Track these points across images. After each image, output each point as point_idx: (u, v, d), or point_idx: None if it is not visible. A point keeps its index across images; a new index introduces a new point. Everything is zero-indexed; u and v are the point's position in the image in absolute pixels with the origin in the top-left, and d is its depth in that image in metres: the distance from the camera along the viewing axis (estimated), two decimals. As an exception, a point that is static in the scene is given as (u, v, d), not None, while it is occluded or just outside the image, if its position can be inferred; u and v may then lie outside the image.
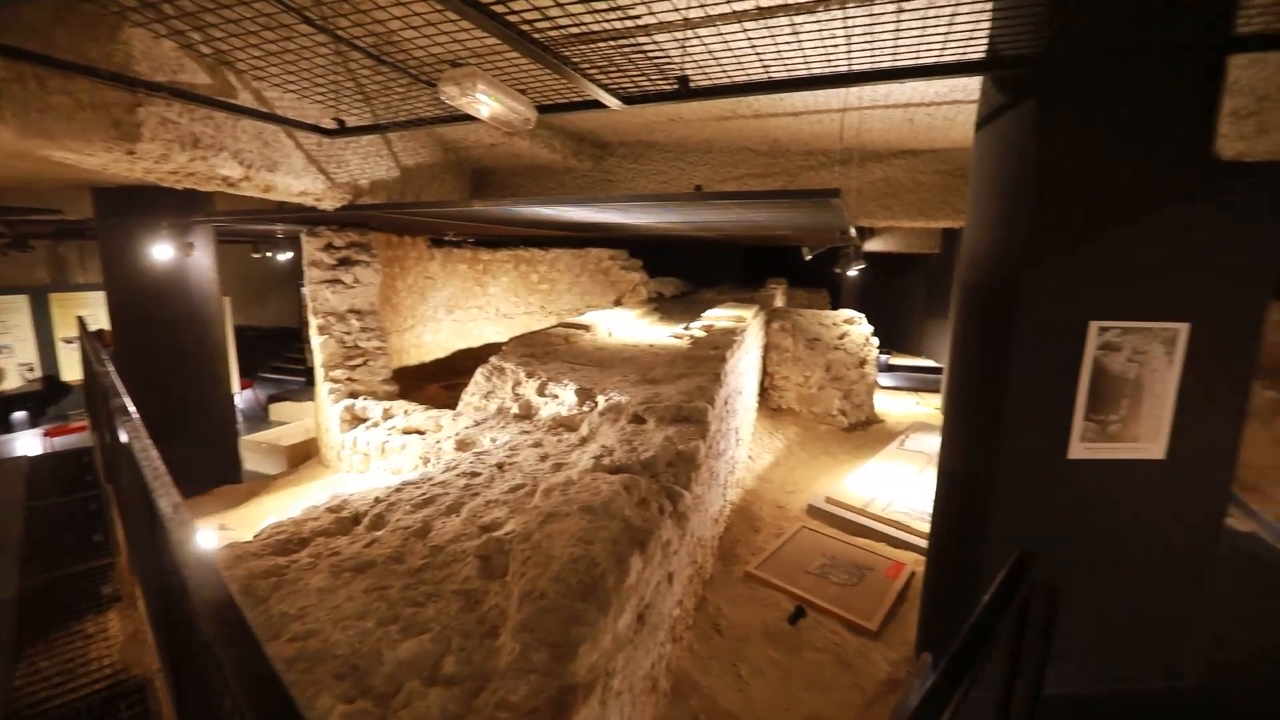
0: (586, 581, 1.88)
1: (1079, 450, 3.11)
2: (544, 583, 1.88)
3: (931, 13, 2.82)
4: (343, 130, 3.89)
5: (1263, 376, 6.96)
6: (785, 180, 8.60)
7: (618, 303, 10.35)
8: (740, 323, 6.20)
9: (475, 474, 3.21)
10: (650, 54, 2.58)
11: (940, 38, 2.99)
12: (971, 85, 4.83)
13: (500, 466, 3.33)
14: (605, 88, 2.24)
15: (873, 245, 14.60)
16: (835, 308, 13.05)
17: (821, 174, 8.65)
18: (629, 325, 7.26)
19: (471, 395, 5.10)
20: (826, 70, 2.62)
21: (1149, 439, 3.15)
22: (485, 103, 2.12)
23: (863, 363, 8.50)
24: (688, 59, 2.35)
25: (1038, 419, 3.08)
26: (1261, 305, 3.16)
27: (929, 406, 10.01)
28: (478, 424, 4.53)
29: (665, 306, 9.47)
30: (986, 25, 2.92)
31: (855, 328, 8.71)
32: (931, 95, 5.77)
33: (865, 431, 8.21)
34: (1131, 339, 3.04)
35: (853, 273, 14.38)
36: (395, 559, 2.31)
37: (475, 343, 11.15)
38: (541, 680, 1.58)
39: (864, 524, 5.19)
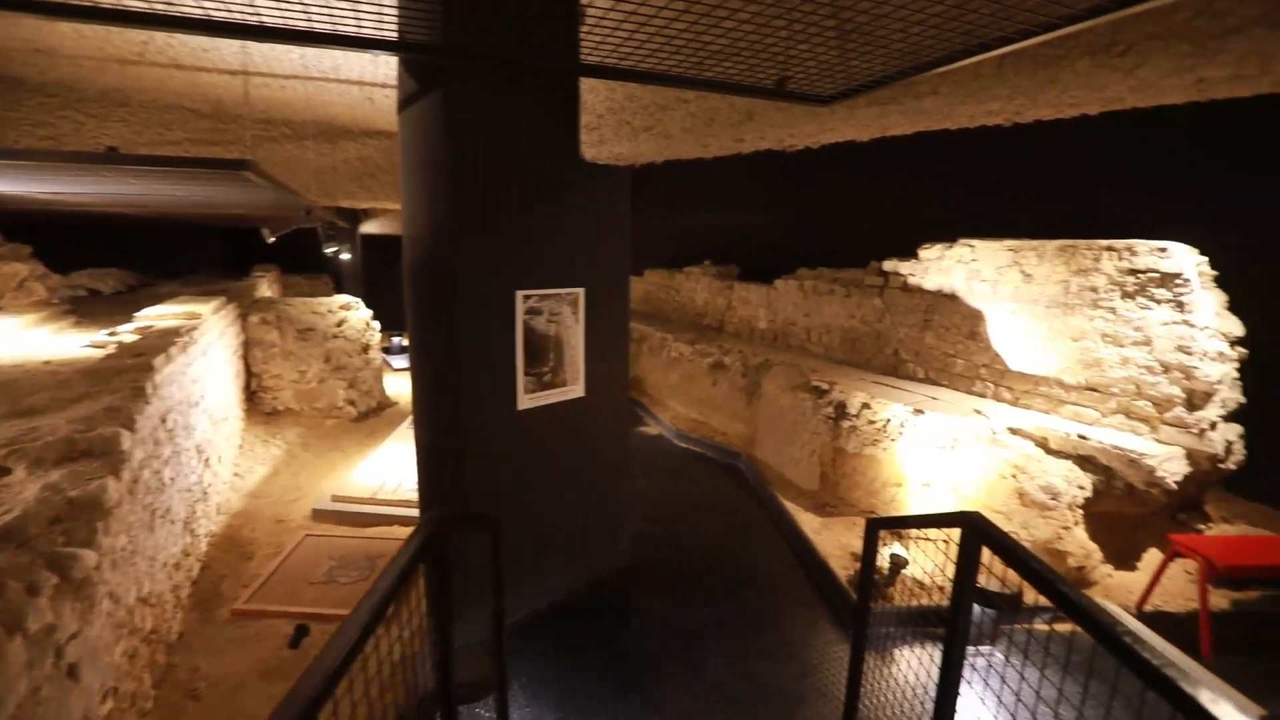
0: None
1: (525, 401, 3.68)
2: None
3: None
4: None
5: (654, 321, 9.78)
6: (242, 150, 7.42)
7: (-3, 307, 7.20)
8: (192, 320, 5.09)
9: None
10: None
11: (352, 11, 2.93)
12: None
13: None
14: None
15: (370, 228, 14.21)
16: (341, 294, 12.25)
17: (287, 147, 7.81)
18: (10, 339, 5.13)
19: None
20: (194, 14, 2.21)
21: (573, 382, 3.97)
22: None
23: (366, 348, 8.23)
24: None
25: (489, 380, 3.50)
26: (626, 272, 4.32)
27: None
28: None
29: (91, 308, 7.09)
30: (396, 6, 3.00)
31: (354, 313, 8.32)
32: (382, 76, 5.78)
33: (378, 417, 8.04)
34: (548, 303, 3.72)
35: (346, 256, 13.71)
36: None
37: None
38: None
39: (376, 512, 5.08)
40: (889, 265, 6.05)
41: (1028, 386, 4.85)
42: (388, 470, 5.81)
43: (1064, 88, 2.08)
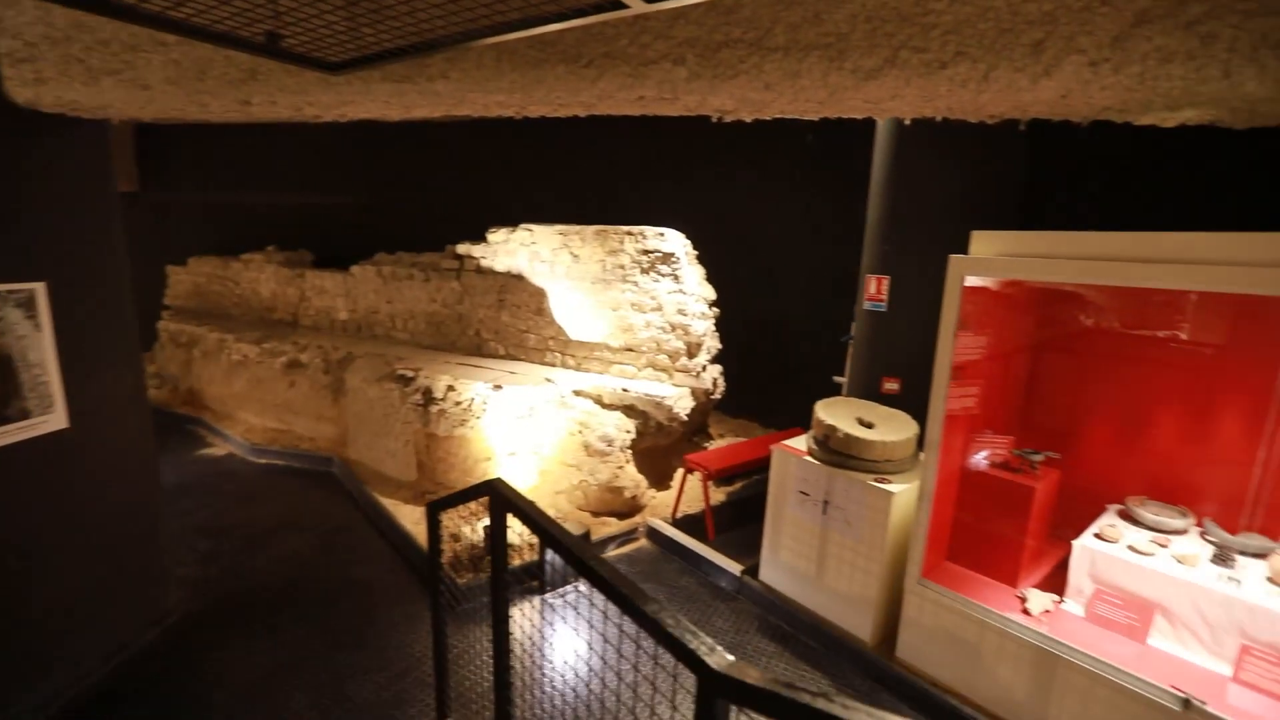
0: None
1: (-53, 447, 2.54)
2: None
3: None
4: None
5: (208, 319, 8.05)
6: None
7: None
8: None
9: None
10: None
11: None
12: None
13: None
14: None
15: None
16: None
17: None
18: None
19: None
20: None
21: (43, 411, 2.91)
22: None
23: None
24: None
25: None
26: (120, 259, 3.36)
27: None
28: None
29: None
30: None
31: None
32: None
33: None
34: (-25, 305, 2.63)
35: None
36: None
37: None
38: None
39: None
40: (463, 249, 6.21)
41: (586, 353, 5.65)
42: None
43: (550, 88, 2.37)
